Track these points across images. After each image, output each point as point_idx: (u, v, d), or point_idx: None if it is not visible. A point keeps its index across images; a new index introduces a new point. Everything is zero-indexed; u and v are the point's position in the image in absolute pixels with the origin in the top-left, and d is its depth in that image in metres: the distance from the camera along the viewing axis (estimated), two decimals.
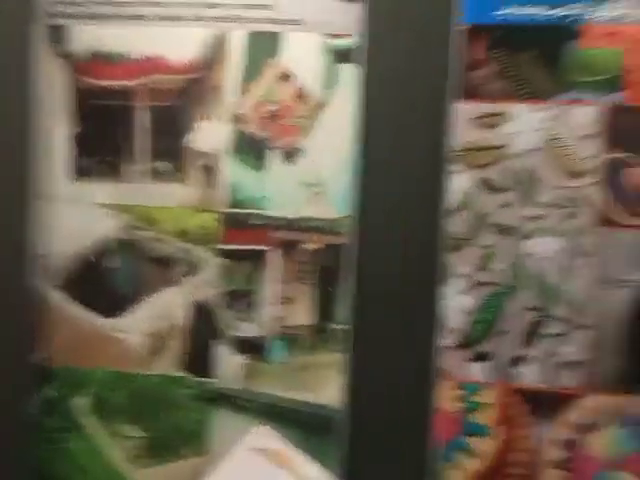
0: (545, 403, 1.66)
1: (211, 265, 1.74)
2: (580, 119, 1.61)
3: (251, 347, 1.74)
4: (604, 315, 1.63)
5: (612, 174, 1.61)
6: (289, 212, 1.71)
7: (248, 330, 1.74)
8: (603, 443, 1.64)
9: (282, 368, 1.74)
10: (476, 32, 1.64)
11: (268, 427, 1.63)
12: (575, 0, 1.59)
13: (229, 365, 1.76)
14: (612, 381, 1.64)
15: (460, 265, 1.68)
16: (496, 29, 1.63)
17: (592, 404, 1.65)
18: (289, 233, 1.71)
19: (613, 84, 1.59)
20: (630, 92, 1.59)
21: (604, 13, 1.59)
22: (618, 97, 1.59)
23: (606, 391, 1.64)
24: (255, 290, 1.73)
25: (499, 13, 1.63)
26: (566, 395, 1.66)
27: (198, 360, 1.77)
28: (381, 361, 1.71)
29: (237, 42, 1.71)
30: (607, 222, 1.62)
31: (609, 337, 1.63)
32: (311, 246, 1.70)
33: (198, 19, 1.73)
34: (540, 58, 1.62)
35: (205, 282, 1.75)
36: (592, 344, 1.64)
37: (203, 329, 1.77)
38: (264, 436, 1.57)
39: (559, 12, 1.61)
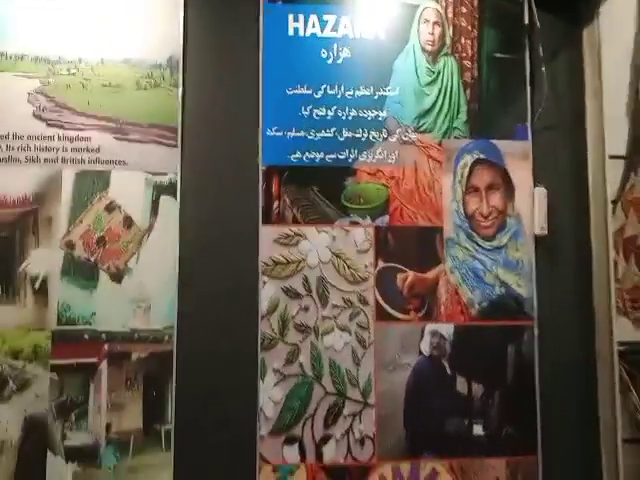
0: (347, 476, 1.68)
1: (43, 380, 1.60)
2: (357, 237, 1.76)
3: (82, 455, 1.60)
4: (386, 395, 1.73)
5: (385, 280, 1.76)
6: (117, 326, 1.65)
7: (79, 439, 1.60)
8: None
9: (113, 472, 1.61)
10: (273, 172, 1.76)
11: None
12: (346, 147, 1.78)
13: (61, 475, 1.59)
14: (397, 450, 1.71)
15: (272, 361, 1.71)
16: (288, 169, 1.77)
17: (384, 472, 1.70)
18: (117, 345, 1.64)
19: (380, 210, 1.78)
20: (393, 216, 1.78)
21: (369, 157, 1.79)
22: (385, 220, 1.78)
23: (393, 459, 1.71)
24: (85, 400, 1.61)
25: (290, 157, 1.77)
26: (363, 467, 1.70)
27: (30, 473, 1.59)
28: (206, 455, 1.65)
29: (69, 179, 1.69)
30: (383, 317, 1.75)
31: (392, 413, 1.72)
32: (137, 356, 1.64)
33: (34, 160, 1.69)
34: (324, 191, 1.77)
35: (36, 396, 1.60)
36: (379, 420, 1.72)
37: (35, 442, 1.60)
38: None
39: (335, 156, 1.79)
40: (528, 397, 1.75)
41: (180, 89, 1.74)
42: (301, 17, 1.81)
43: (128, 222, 1.69)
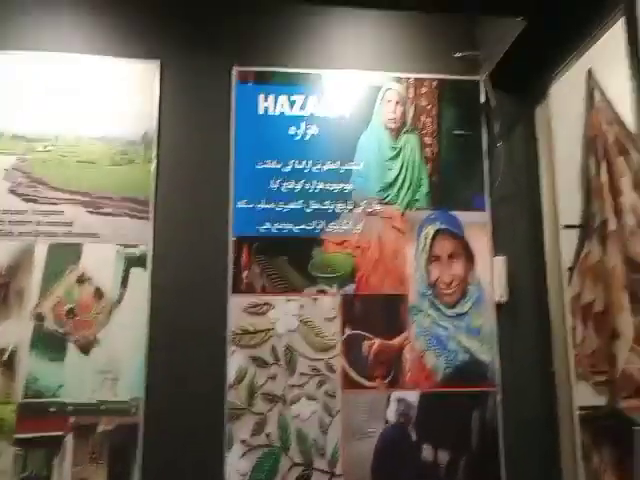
0: None
1: (7, 454, 1.57)
2: (325, 306, 1.79)
3: None
4: (353, 463, 1.72)
5: (351, 347, 1.78)
6: (84, 398, 1.63)
7: None
8: None
9: None
10: (243, 242, 1.79)
11: None
12: (314, 218, 1.83)
13: None
14: None
15: (239, 432, 1.70)
16: (257, 240, 1.80)
17: None
18: (84, 418, 1.62)
19: (347, 279, 1.81)
20: (359, 284, 1.82)
21: (336, 228, 1.84)
22: (351, 288, 1.81)
23: None
24: (49, 475, 1.57)
25: (259, 228, 1.81)
26: None
27: None
28: None
29: (41, 252, 1.70)
30: (350, 385, 1.76)
31: None
32: (103, 428, 1.61)
33: (8, 234, 1.70)
34: (292, 261, 1.80)
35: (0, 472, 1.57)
36: None
37: None
38: None
39: (303, 227, 1.83)
40: (493, 461, 1.76)
41: (154, 164, 1.79)
42: (271, 97, 1.89)
43: (99, 294, 1.69)
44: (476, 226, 1.88)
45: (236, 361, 1.73)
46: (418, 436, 1.75)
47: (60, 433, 1.60)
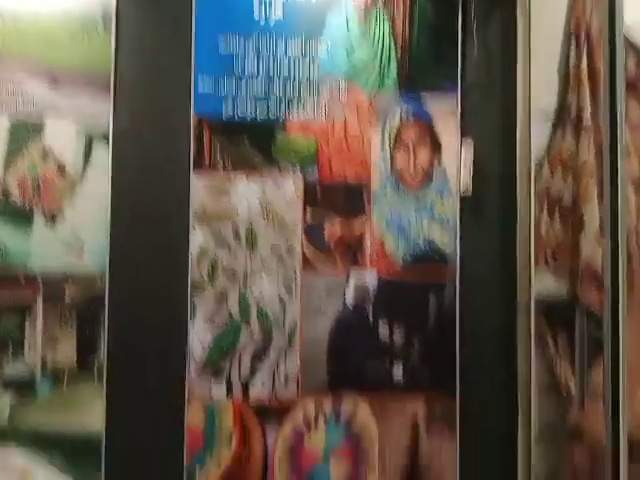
0: (271, 412, 1.79)
1: None
2: (286, 188, 1.82)
3: (19, 386, 1.70)
4: (311, 339, 1.81)
5: (312, 231, 1.83)
6: (51, 268, 1.73)
7: (16, 372, 1.70)
8: (319, 438, 1.80)
9: (47, 402, 1.71)
10: (204, 122, 1.80)
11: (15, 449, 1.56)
12: (278, 102, 1.82)
13: None
14: (320, 389, 1.80)
15: (202, 305, 1.79)
16: (219, 121, 1.81)
17: (305, 408, 1.80)
18: (52, 286, 1.72)
19: (310, 162, 1.83)
20: (322, 169, 1.83)
21: (300, 112, 1.83)
22: (314, 172, 1.83)
23: (317, 397, 1.80)
24: (22, 336, 1.70)
25: (221, 109, 1.81)
26: (286, 404, 1.80)
27: None
28: (137, 390, 1.74)
29: (2, 129, 1.74)
30: (310, 267, 1.82)
31: (316, 355, 1.80)
32: (71, 296, 1.72)
33: None
34: (254, 143, 1.81)
35: None
36: (303, 362, 1.80)
37: None
38: (10, 456, 1.50)
39: (266, 110, 1.83)
40: (449, 343, 1.83)
41: (114, 39, 1.77)
42: None
43: (61, 169, 1.75)
44: (445, 114, 1.85)
45: (198, 239, 1.79)
46: (375, 316, 1.82)
47: (30, 300, 1.71)
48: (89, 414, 1.71)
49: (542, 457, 1.79)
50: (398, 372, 1.83)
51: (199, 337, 1.78)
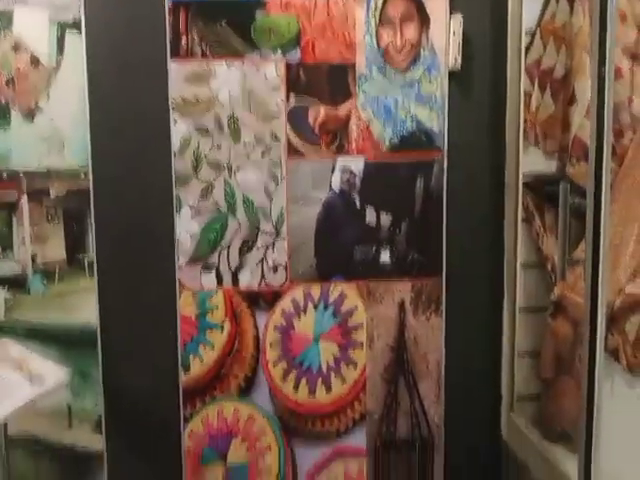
0: (261, 299, 1.84)
1: None
2: (268, 73, 1.76)
3: (11, 282, 1.75)
4: (298, 227, 1.82)
5: (296, 116, 1.79)
6: (33, 165, 1.72)
7: (6, 268, 1.74)
8: (308, 323, 1.87)
9: (41, 298, 1.76)
10: (179, 7, 1.71)
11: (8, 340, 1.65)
12: None
13: None
14: (309, 276, 1.84)
15: (187, 197, 1.79)
16: (194, 4, 1.72)
17: (294, 295, 1.84)
18: (35, 182, 1.72)
19: (291, 44, 1.75)
20: (304, 51, 1.76)
21: None
22: (296, 54, 1.76)
23: (305, 284, 1.85)
24: (10, 233, 1.73)
25: None
26: (276, 291, 1.84)
27: None
28: (128, 281, 1.79)
29: None
30: (295, 153, 1.80)
31: (303, 243, 1.83)
32: (55, 192, 1.72)
33: None
34: (232, 25, 1.73)
35: None
36: (291, 249, 1.83)
37: None
38: (7, 347, 1.58)
39: None
40: (435, 225, 1.84)
41: None
42: None
43: (35, 61, 1.69)
44: None
45: (180, 130, 1.75)
46: (362, 202, 1.82)
47: (14, 197, 1.72)
48: (83, 308, 1.77)
49: (526, 330, 1.87)
50: (385, 256, 1.86)
51: (186, 229, 1.79)
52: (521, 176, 1.82)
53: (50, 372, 1.56)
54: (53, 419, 1.79)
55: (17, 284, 1.74)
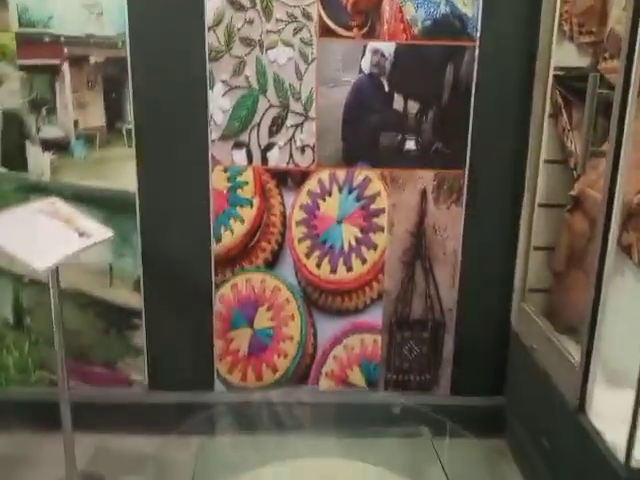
0: (289, 178, 1.92)
1: (13, 78, 1.80)
2: None
3: (56, 146, 1.86)
4: (326, 109, 1.86)
5: None
6: (73, 31, 1.78)
7: (51, 132, 1.85)
8: (332, 205, 1.95)
9: (83, 162, 1.88)
10: None
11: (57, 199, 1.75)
12: None
13: (39, 162, 1.88)
14: (335, 159, 1.91)
15: (220, 72, 1.84)
16: None
17: (320, 177, 1.92)
18: (76, 49, 1.79)
19: None
20: None
21: None
22: None
23: (331, 167, 1.91)
24: (53, 98, 1.83)
25: None
26: (303, 172, 1.92)
27: (14, 160, 1.88)
28: (164, 152, 1.88)
29: None
30: (327, 33, 1.81)
31: (331, 125, 1.87)
32: (95, 59, 1.80)
33: None
34: None
35: (10, 92, 1.82)
36: (319, 131, 1.88)
37: (14, 133, 1.86)
38: (52, 203, 1.71)
39: None
40: (462, 116, 1.86)
41: None
42: None
43: None
44: None
45: (213, 3, 1.78)
46: (390, 86, 1.84)
47: (57, 61, 1.79)
48: (122, 174, 1.88)
49: (543, 225, 1.90)
50: (410, 144, 1.89)
51: (219, 105, 1.86)
52: (552, 69, 1.80)
53: (96, 229, 1.68)
54: (96, 277, 1.96)
55: (61, 148, 1.85)
